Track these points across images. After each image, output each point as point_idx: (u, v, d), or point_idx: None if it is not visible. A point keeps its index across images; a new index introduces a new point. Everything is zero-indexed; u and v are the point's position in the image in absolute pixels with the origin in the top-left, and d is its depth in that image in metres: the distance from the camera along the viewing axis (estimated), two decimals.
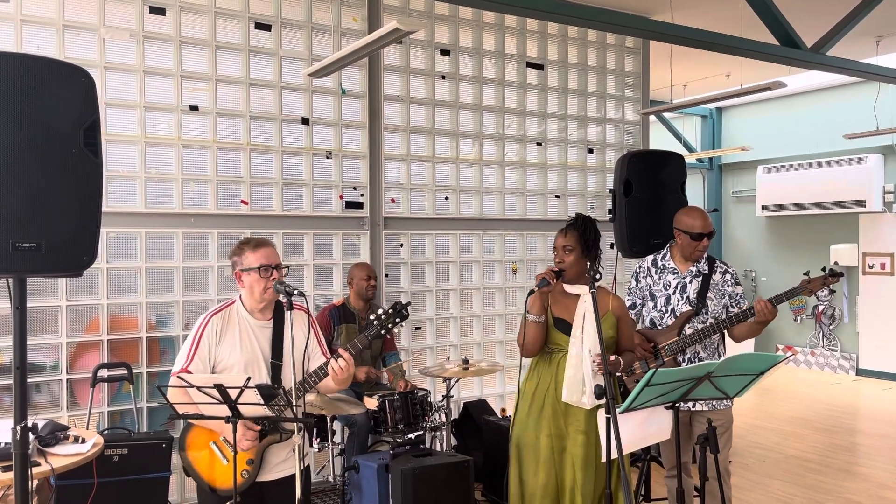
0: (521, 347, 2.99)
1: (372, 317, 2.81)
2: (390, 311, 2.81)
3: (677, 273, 3.52)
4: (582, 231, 2.96)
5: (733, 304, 3.48)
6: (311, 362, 2.86)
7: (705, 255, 3.52)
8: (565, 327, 2.93)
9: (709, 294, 3.44)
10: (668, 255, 3.59)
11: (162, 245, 4.38)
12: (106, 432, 3.82)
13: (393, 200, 5.15)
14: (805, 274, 3.35)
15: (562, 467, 2.93)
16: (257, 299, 2.82)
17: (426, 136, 5.30)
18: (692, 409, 3.42)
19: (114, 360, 4.19)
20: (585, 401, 2.76)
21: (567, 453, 2.92)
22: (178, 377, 2.63)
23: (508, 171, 5.67)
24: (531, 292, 2.88)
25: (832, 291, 3.34)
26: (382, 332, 2.79)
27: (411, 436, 3.97)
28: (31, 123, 2.08)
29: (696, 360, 3.43)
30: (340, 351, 2.74)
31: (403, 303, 2.83)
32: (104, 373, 4.10)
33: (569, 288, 2.98)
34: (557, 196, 5.89)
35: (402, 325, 2.88)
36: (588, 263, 2.94)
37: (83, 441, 2.99)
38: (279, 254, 2.95)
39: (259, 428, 2.72)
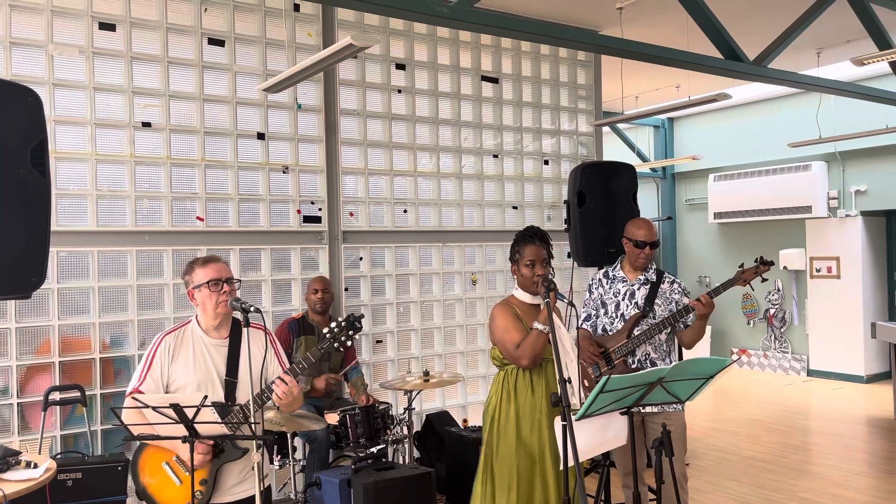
0: (525, 360, 2.97)
1: (325, 330, 2.76)
2: (343, 323, 2.75)
3: (626, 281, 3.64)
4: (548, 242, 3.09)
5: None
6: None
7: (654, 268, 3.65)
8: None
9: (656, 300, 3.56)
10: (619, 266, 3.73)
11: (115, 263, 4.31)
12: (59, 457, 3.73)
13: (351, 214, 5.15)
14: (740, 266, 3.49)
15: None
16: (211, 315, 2.81)
17: (383, 150, 5.32)
18: (643, 412, 3.49)
19: (66, 382, 4.10)
20: (576, 402, 2.80)
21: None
22: (132, 398, 2.60)
23: (466, 184, 5.72)
24: (550, 303, 2.80)
25: (765, 280, 3.48)
26: (335, 344, 2.73)
27: (373, 449, 3.96)
28: None
29: (648, 361, 3.51)
30: (281, 375, 2.67)
31: (357, 315, 2.79)
32: (56, 395, 4.00)
33: (530, 299, 3.09)
34: (515, 207, 5.96)
35: (356, 338, 2.83)
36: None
37: (35, 466, 2.92)
38: (235, 269, 2.93)
39: (211, 442, 2.68)
